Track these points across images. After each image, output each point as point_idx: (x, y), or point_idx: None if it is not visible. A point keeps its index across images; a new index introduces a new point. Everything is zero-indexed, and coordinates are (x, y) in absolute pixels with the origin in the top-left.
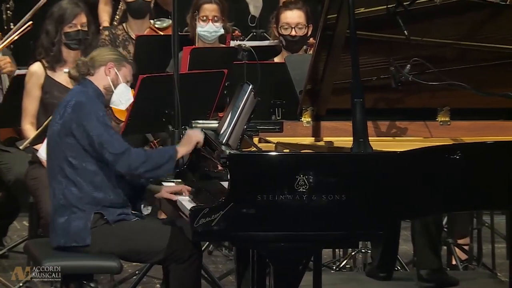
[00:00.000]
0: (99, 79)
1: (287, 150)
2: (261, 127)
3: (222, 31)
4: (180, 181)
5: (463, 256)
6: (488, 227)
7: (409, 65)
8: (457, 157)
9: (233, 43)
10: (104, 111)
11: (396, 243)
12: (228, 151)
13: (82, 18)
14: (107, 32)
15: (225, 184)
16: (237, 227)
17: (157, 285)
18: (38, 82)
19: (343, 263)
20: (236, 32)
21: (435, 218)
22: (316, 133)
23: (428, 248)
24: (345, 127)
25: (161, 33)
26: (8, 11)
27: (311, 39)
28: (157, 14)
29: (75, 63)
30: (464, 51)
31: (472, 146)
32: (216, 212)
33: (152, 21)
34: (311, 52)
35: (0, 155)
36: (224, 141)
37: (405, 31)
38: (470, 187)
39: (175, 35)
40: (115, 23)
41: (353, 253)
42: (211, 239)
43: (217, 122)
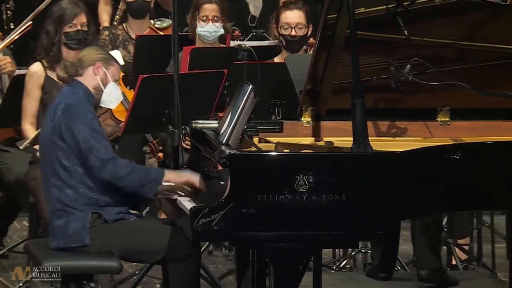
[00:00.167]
0: (88, 79)
1: (287, 150)
2: (261, 127)
3: (222, 31)
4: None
5: (463, 256)
6: (488, 227)
7: (409, 65)
8: (457, 157)
9: (233, 43)
10: (94, 115)
11: (396, 243)
12: (228, 151)
13: (82, 18)
14: (107, 32)
15: (225, 184)
16: (237, 227)
17: (157, 285)
18: (38, 82)
19: (343, 263)
20: (236, 32)
21: (435, 218)
22: (316, 133)
23: (428, 248)
24: (345, 127)
25: (161, 33)
26: (8, 11)
27: (311, 39)
28: (157, 14)
29: (63, 65)
30: (464, 51)
31: (472, 146)
32: (216, 212)
33: (152, 21)
34: (311, 52)
35: (0, 155)
36: (224, 141)
37: (405, 31)
38: (470, 187)
39: (175, 35)
40: (115, 23)
41: (353, 253)
42: (211, 239)
43: (217, 122)
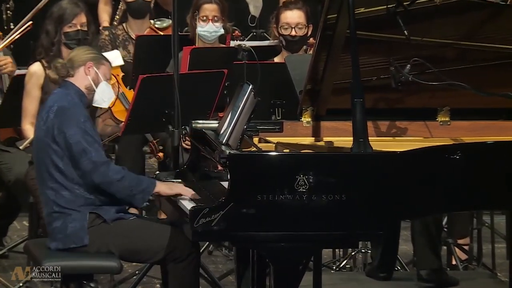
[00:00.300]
0: (80, 80)
1: (287, 150)
2: (261, 127)
3: (222, 31)
4: (180, 181)
5: (463, 256)
6: (488, 227)
7: (409, 65)
8: (457, 157)
9: (233, 43)
10: (86, 117)
11: (396, 243)
12: (228, 151)
13: (82, 18)
14: (107, 32)
15: (225, 184)
16: (237, 227)
17: (157, 285)
18: (38, 82)
19: (343, 263)
20: (236, 32)
21: (435, 218)
22: (316, 133)
23: (428, 248)
24: (345, 127)
25: (161, 33)
26: (8, 11)
27: (311, 39)
28: (157, 14)
29: (54, 66)
30: (464, 51)
31: (472, 146)
32: (216, 212)
33: (152, 21)
34: (311, 52)
35: (0, 155)
36: (224, 141)
37: (405, 31)
38: (470, 187)
39: (175, 35)
40: (115, 23)
41: (353, 253)
42: (211, 239)
43: (217, 122)
